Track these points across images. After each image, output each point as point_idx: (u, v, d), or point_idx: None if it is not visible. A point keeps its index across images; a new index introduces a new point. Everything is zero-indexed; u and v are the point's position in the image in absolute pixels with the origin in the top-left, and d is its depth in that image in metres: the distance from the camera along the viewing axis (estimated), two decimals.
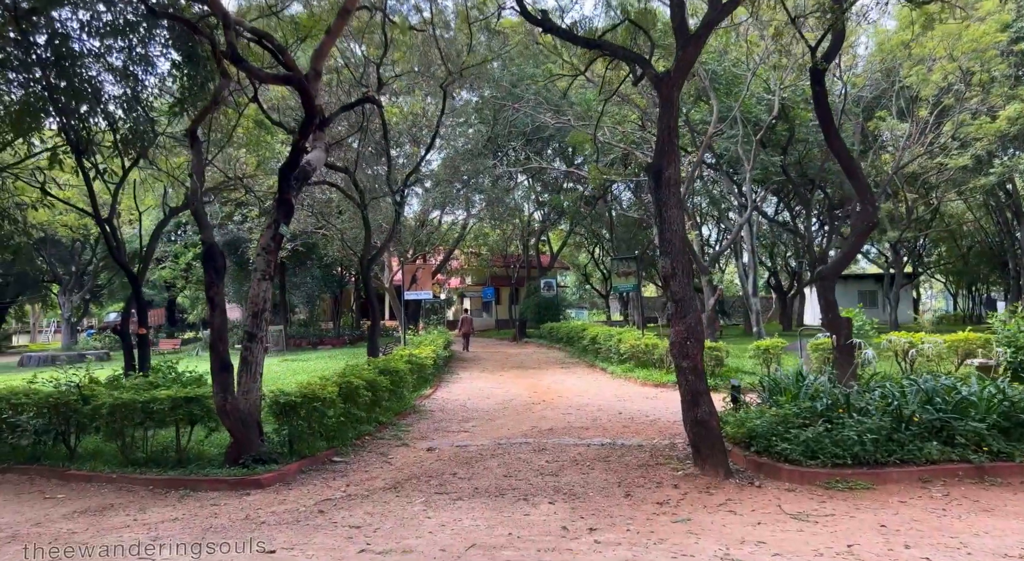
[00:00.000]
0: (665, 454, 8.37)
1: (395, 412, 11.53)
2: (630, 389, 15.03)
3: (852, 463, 6.67)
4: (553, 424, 10.71)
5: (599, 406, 12.54)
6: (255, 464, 7.63)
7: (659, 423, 10.64)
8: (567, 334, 25.44)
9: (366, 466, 8.28)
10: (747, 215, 16.61)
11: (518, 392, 15.00)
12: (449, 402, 13.64)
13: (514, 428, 10.51)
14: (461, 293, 46.27)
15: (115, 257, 12.29)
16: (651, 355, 16.30)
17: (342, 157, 14.28)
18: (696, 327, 7.26)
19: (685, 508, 6.17)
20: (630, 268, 17.75)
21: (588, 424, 10.65)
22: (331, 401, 8.55)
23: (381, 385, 10.45)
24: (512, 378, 17.89)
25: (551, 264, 38.29)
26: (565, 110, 20.24)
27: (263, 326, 8.35)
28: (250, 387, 8.12)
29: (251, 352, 8.22)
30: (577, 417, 11.37)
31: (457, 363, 22.42)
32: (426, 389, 15.07)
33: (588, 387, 15.57)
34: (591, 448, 8.83)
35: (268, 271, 8.50)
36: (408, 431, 10.44)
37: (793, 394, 7.90)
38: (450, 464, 8.16)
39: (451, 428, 10.71)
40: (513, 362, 22.61)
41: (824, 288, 8.31)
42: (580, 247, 47.16)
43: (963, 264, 40.00)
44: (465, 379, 17.99)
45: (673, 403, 12.94)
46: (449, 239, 36.18)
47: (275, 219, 8.64)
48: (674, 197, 7.44)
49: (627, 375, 16.58)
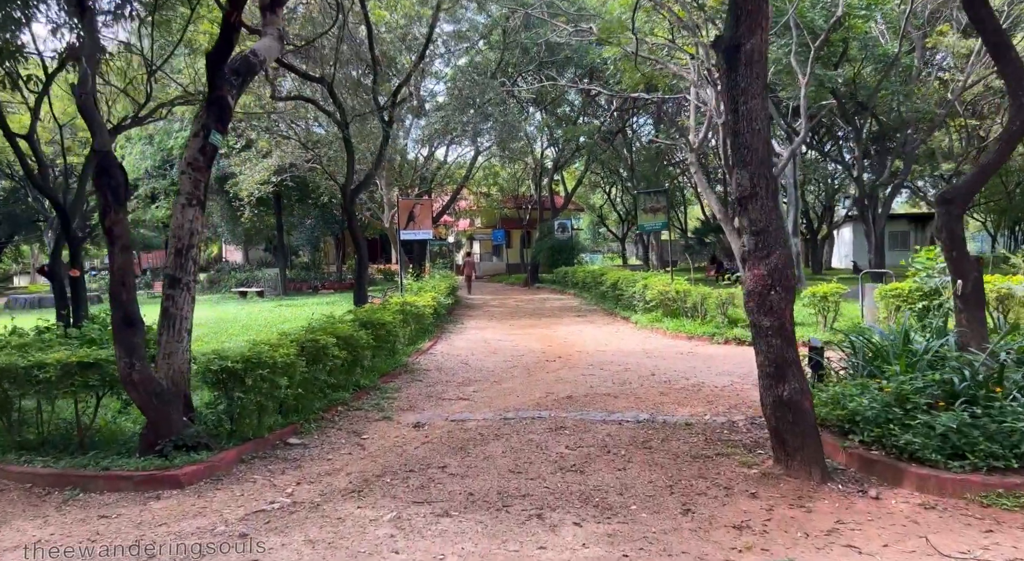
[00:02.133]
0: (724, 437, 6.34)
1: (381, 373, 9.56)
2: (659, 342, 12.98)
3: (1021, 467, 4.59)
4: (572, 389, 8.70)
5: (626, 364, 10.51)
6: (176, 452, 5.68)
7: (704, 389, 8.58)
8: (583, 279, 23.33)
9: (330, 451, 6.32)
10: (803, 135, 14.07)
11: (530, 345, 13.01)
12: (449, 358, 11.66)
13: (525, 394, 8.51)
14: (470, 236, 44.06)
15: (35, 182, 10.22)
16: (683, 303, 14.17)
17: (318, 67, 11.96)
18: (783, 271, 5.09)
19: (777, 537, 4.15)
20: (658, 203, 15.46)
21: (615, 390, 8.62)
22: (287, 366, 6.54)
23: (361, 342, 8.43)
24: (523, 328, 15.89)
25: (565, 205, 35.87)
26: (582, 23, 17.54)
27: (190, 267, 6.26)
28: (173, 349, 6.09)
29: (174, 302, 6.16)
30: (601, 379, 9.35)
31: (463, 310, 20.45)
32: (424, 342, 13.10)
33: (610, 339, 13.54)
34: (624, 427, 6.81)
35: (196, 194, 6.35)
36: (394, 398, 8.47)
37: (908, 361, 5.76)
38: (440, 450, 6.18)
39: (447, 394, 8.73)
40: (525, 309, 20.60)
41: (949, 217, 6.07)
42: (596, 186, 44.54)
43: (1008, 202, 37.15)
44: (470, 329, 16.01)
45: (715, 361, 10.91)
46: (457, 178, 33.76)
47: (204, 125, 6.42)
48: (757, 82, 5.13)
49: (654, 326, 14.52)
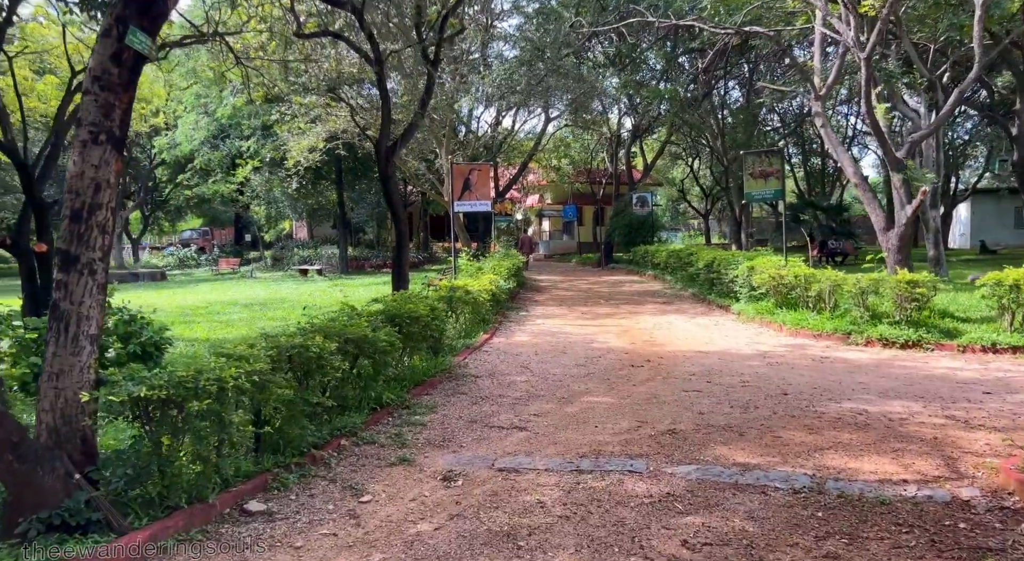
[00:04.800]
0: (963, 538, 3.66)
1: (415, 381, 7.27)
2: (776, 342, 10.15)
3: None
4: (674, 416, 6.14)
5: (741, 375, 7.81)
6: (47, 537, 3.53)
7: (875, 424, 5.79)
8: (666, 260, 20.43)
9: (305, 529, 4.04)
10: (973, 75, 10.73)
11: (608, 342, 10.46)
12: (506, 358, 9.26)
13: (606, 423, 6.02)
14: (539, 212, 41.48)
15: None
16: (804, 291, 11.22)
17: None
18: None
19: None
20: (771, 166, 12.44)
21: (739, 420, 5.99)
22: (248, 391, 4.29)
23: (380, 345, 6.12)
24: (598, 318, 13.32)
25: (644, 177, 32.74)
26: None
27: (95, 240, 4.06)
28: (66, 366, 3.93)
29: (67, 293, 3.98)
30: (713, 399, 6.73)
31: (528, 294, 18.03)
32: (479, 335, 10.76)
33: (711, 336, 10.80)
34: (773, 500, 4.21)
35: (108, 127, 4.11)
36: (423, 425, 6.13)
37: None
38: (474, 540, 3.80)
39: (498, 417, 6.33)
40: (599, 294, 17.98)
41: None
42: (677, 158, 40.98)
43: None
44: (535, 318, 13.56)
45: (865, 373, 7.43)
46: (525, 149, 31.19)
47: (118, 17, 4.16)
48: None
49: (763, 318, 11.66)
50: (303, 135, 19.64)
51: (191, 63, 24.78)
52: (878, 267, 10.75)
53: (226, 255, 39.06)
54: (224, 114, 24.55)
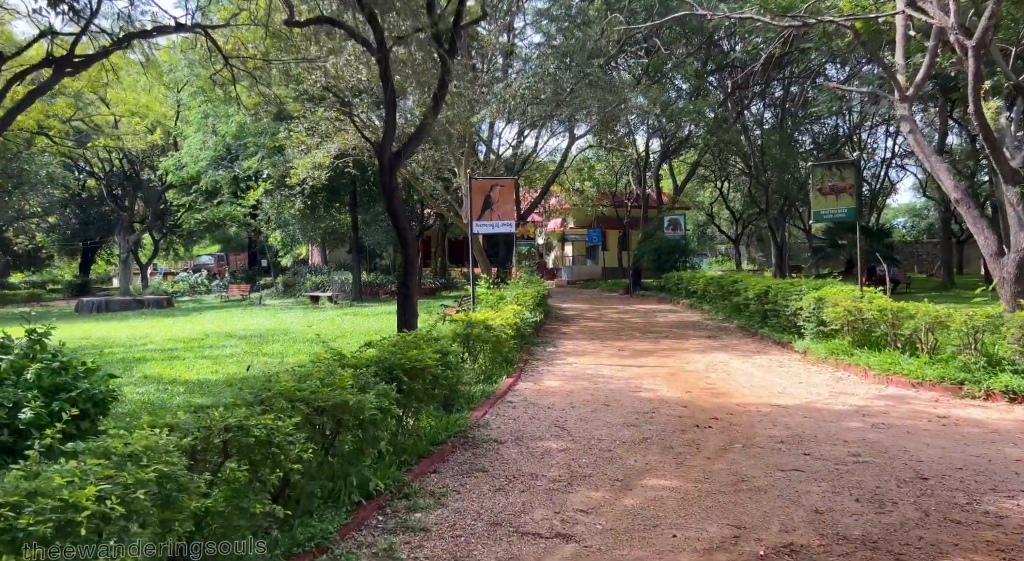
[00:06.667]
0: None
1: (419, 451, 5.50)
2: (866, 392, 8.23)
3: None
4: (782, 517, 4.31)
5: (846, 443, 5.93)
6: None
7: None
8: (705, 287, 18.58)
9: None
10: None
11: (657, 388, 8.63)
12: (536, 413, 7.45)
13: (686, 530, 4.19)
14: (561, 236, 39.80)
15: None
16: (891, 328, 9.31)
17: None
18: None
19: None
20: (843, 180, 10.60)
21: (880, 529, 4.13)
22: (124, 518, 2.56)
23: (367, 414, 4.37)
24: (638, 356, 11.48)
25: (675, 199, 31.00)
26: None
27: None
28: None
29: None
30: (826, 487, 4.86)
31: (553, 324, 16.23)
32: (502, 377, 8.98)
33: (782, 383, 8.92)
34: None
35: None
36: (426, 530, 4.32)
37: None
38: None
39: (532, 517, 4.51)
40: (632, 325, 16.13)
41: None
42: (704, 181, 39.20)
43: None
44: (564, 354, 11.75)
45: (1015, 444, 6.07)
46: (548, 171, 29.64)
47: None
48: None
49: (839, 359, 9.74)
50: (308, 152, 18.23)
51: (199, 83, 23.71)
52: (989, 300, 8.86)
53: (237, 281, 37.80)
54: (229, 132, 23.30)
